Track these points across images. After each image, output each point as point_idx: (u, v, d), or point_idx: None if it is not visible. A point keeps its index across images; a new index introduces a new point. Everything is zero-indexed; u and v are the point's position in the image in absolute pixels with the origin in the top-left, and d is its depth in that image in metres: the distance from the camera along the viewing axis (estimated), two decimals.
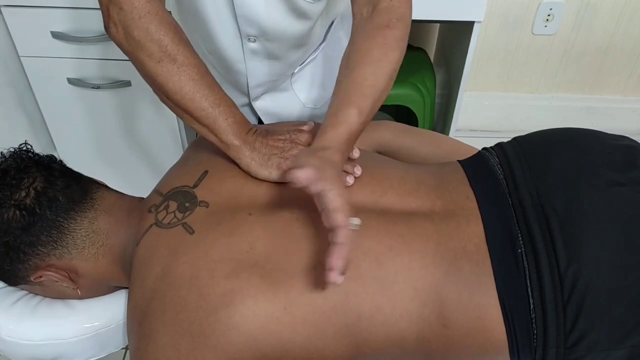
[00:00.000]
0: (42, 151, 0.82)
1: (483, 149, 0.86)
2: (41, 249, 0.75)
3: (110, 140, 1.70)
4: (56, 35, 1.43)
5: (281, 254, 0.70)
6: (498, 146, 0.84)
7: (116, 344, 0.87)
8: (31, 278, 0.78)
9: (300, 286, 0.68)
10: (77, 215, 0.77)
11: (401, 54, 0.79)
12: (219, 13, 0.88)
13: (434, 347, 0.70)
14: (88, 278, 0.80)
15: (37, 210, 0.74)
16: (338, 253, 0.61)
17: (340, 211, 0.62)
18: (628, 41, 1.94)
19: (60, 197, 0.76)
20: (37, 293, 0.84)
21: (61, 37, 1.43)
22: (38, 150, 0.82)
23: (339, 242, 0.61)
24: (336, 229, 0.61)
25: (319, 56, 1.04)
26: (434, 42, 1.99)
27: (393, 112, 1.98)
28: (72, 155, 0.89)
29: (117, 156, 1.74)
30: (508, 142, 0.84)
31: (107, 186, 0.85)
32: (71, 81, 1.54)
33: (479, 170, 0.81)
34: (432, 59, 1.92)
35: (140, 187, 0.96)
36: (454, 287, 0.69)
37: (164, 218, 0.76)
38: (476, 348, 0.70)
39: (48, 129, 1.69)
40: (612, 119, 2.11)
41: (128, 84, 1.54)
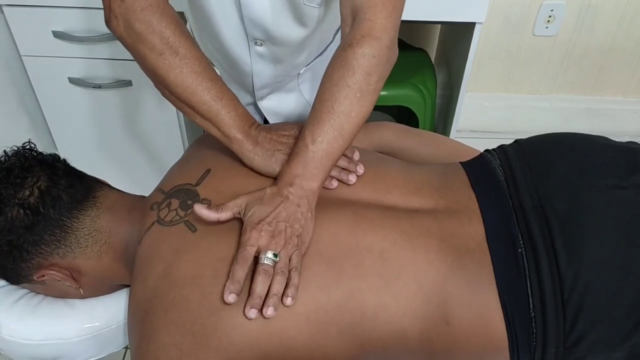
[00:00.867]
0: (44, 150, 0.82)
1: (485, 151, 0.86)
2: (44, 248, 0.75)
3: (111, 139, 1.70)
4: (57, 34, 1.43)
5: None
6: (500, 148, 0.85)
7: (117, 344, 0.87)
8: (34, 277, 0.78)
9: (302, 284, 0.68)
10: (80, 214, 0.77)
11: (364, 74, 0.73)
12: (227, 16, 0.88)
13: (437, 346, 0.71)
14: (91, 276, 0.80)
15: (41, 209, 0.74)
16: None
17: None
18: (629, 42, 1.94)
19: (63, 196, 0.76)
20: (39, 292, 0.84)
21: (62, 37, 1.43)
22: (39, 149, 0.82)
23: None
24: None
25: (326, 55, 1.04)
26: (435, 43, 1.99)
27: (394, 113, 1.98)
28: (73, 154, 0.89)
29: (118, 155, 1.74)
30: (510, 145, 0.85)
31: (109, 185, 0.85)
32: (72, 80, 1.54)
33: (481, 172, 0.81)
34: (433, 60, 1.92)
35: (141, 186, 0.96)
36: (457, 284, 0.70)
37: (166, 216, 0.76)
38: (477, 347, 0.70)
39: (49, 129, 1.69)
40: (613, 120, 2.11)
41: (129, 84, 1.54)
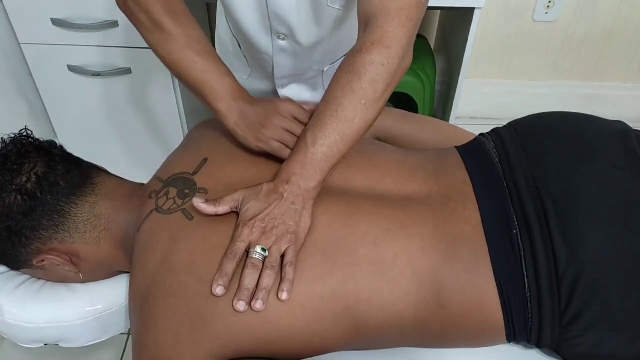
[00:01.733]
0: (43, 138, 0.83)
1: (480, 135, 0.87)
2: (43, 233, 0.76)
3: (111, 127, 1.70)
4: (56, 22, 1.43)
5: None
6: (494, 131, 0.85)
7: (118, 327, 0.88)
8: (33, 262, 0.78)
9: (298, 275, 0.68)
10: (79, 199, 0.77)
11: (371, 81, 0.72)
12: (252, 8, 0.89)
13: (432, 328, 0.71)
14: (90, 262, 0.80)
15: (39, 194, 0.75)
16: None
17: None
18: (629, 28, 1.93)
19: (61, 182, 0.76)
20: (40, 277, 0.85)
21: (61, 24, 1.43)
22: (39, 137, 0.82)
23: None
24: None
25: None
26: (435, 29, 1.98)
27: (393, 99, 1.98)
28: (73, 142, 0.89)
29: (118, 143, 1.75)
30: (504, 127, 0.85)
31: (107, 171, 0.86)
32: (72, 68, 1.54)
33: (475, 155, 0.82)
34: (433, 46, 1.92)
35: (141, 173, 0.96)
36: (452, 269, 0.70)
37: (164, 204, 0.77)
38: (473, 328, 0.71)
39: (49, 117, 1.69)
40: (613, 106, 2.11)
41: (129, 71, 1.54)
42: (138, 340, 0.70)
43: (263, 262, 0.68)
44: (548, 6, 1.86)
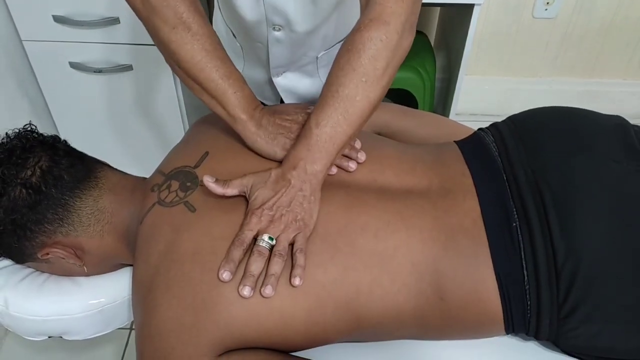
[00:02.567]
0: (45, 133, 0.83)
1: (479, 129, 0.88)
2: (47, 227, 0.77)
3: (112, 123, 1.71)
4: (58, 19, 1.44)
5: None
6: (493, 126, 0.86)
7: (121, 320, 0.89)
8: (38, 255, 0.79)
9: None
10: (82, 193, 0.78)
11: (370, 58, 0.72)
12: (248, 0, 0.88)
13: (431, 320, 0.72)
14: (94, 255, 0.81)
15: (43, 188, 0.75)
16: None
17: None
18: (628, 24, 1.93)
19: (65, 176, 0.77)
20: (44, 271, 0.86)
21: (63, 21, 1.44)
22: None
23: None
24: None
25: None
26: (434, 26, 1.98)
27: (393, 96, 1.99)
28: (75, 138, 0.90)
29: (120, 139, 1.75)
30: (503, 122, 0.86)
31: (110, 166, 0.86)
32: (73, 65, 1.54)
33: (475, 149, 0.82)
34: (433, 43, 1.92)
35: (142, 168, 0.97)
36: (451, 261, 0.71)
37: (167, 197, 0.78)
38: (472, 320, 0.72)
39: (50, 113, 1.70)
40: (613, 103, 2.11)
41: (130, 68, 1.54)
42: (142, 330, 0.70)
43: (270, 251, 0.69)
44: (548, 2, 1.86)
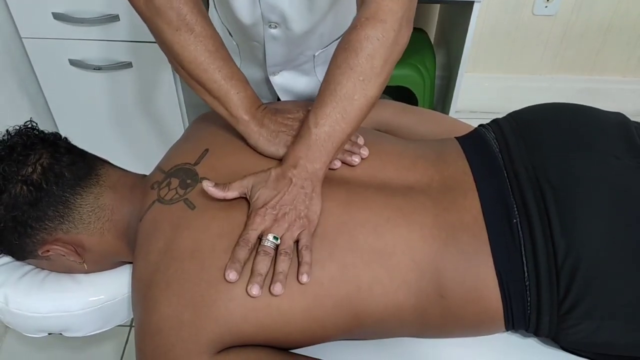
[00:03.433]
0: (45, 130, 0.83)
1: (479, 126, 0.88)
2: (48, 224, 0.77)
3: (112, 120, 1.71)
4: (57, 16, 1.43)
5: None
6: (494, 122, 0.86)
7: (121, 317, 0.89)
8: (39, 252, 0.79)
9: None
10: (83, 190, 0.78)
11: (367, 57, 0.72)
12: None
13: (432, 317, 0.72)
14: (94, 252, 0.81)
15: (44, 185, 0.75)
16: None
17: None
18: (629, 22, 1.93)
19: (66, 173, 0.77)
20: (44, 268, 0.86)
21: (62, 18, 1.44)
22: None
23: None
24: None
25: None
26: (434, 23, 1.98)
27: (393, 93, 1.98)
28: (75, 135, 0.90)
29: (119, 136, 1.75)
30: (503, 118, 0.86)
31: (111, 163, 0.86)
32: (73, 62, 1.54)
33: (476, 145, 0.82)
34: (432, 40, 1.92)
35: (142, 165, 0.97)
36: (452, 258, 0.71)
37: (166, 194, 0.78)
38: (472, 317, 0.72)
39: (50, 110, 1.70)
40: (613, 100, 2.11)
41: (129, 65, 1.54)
42: (141, 327, 0.70)
43: (276, 250, 0.69)
44: (548, 0, 1.86)
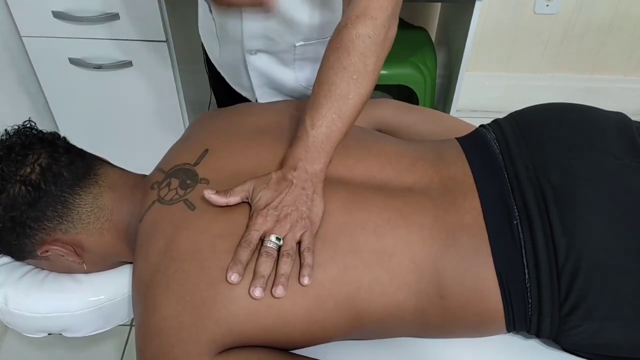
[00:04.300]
0: (44, 129, 0.83)
1: (480, 126, 0.88)
2: (47, 224, 0.77)
3: (112, 119, 1.71)
4: (57, 14, 1.44)
5: None
6: (495, 122, 0.86)
7: (121, 317, 0.89)
8: (37, 252, 0.79)
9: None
10: (82, 190, 0.78)
11: (360, 55, 0.73)
12: None
13: (432, 318, 0.72)
14: (93, 252, 0.81)
15: (43, 185, 0.75)
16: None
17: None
18: (629, 21, 1.93)
19: (64, 173, 0.77)
20: (44, 268, 0.86)
21: (62, 17, 1.44)
22: (40, 130, 0.82)
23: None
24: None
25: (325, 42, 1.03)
26: (435, 22, 1.98)
27: (394, 92, 1.98)
28: (74, 134, 0.90)
29: (119, 135, 1.75)
30: (504, 118, 0.86)
31: (110, 163, 0.86)
32: (73, 61, 1.54)
33: (476, 146, 0.82)
34: (434, 39, 1.92)
35: (142, 165, 0.97)
36: (452, 259, 0.71)
37: (166, 195, 0.77)
38: (473, 318, 0.72)
39: (50, 109, 1.70)
40: (613, 99, 2.11)
41: (129, 64, 1.54)
42: (141, 328, 0.70)
43: (278, 251, 0.69)
44: None
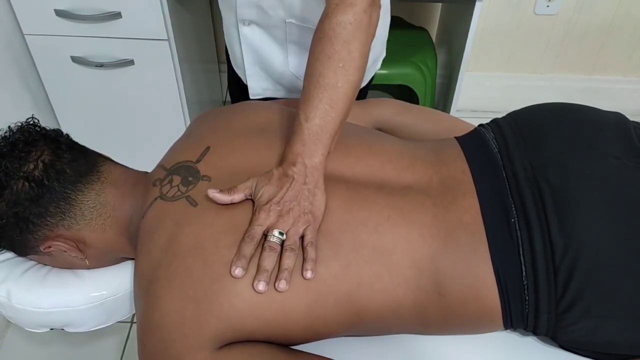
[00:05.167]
0: (47, 126, 0.84)
1: (479, 125, 0.88)
2: (50, 220, 0.77)
3: (113, 117, 1.72)
4: (60, 13, 1.44)
5: None
6: (493, 122, 0.87)
7: (123, 313, 0.89)
8: (40, 248, 0.80)
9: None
10: (85, 187, 0.79)
11: (343, 43, 0.73)
12: None
13: (430, 315, 0.73)
14: (96, 248, 0.82)
15: (46, 182, 0.76)
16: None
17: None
18: (630, 21, 1.94)
19: (67, 170, 0.78)
20: (46, 263, 0.86)
21: (65, 15, 1.44)
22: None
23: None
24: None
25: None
26: (436, 22, 1.99)
27: (394, 92, 1.99)
28: (76, 132, 0.90)
29: (121, 133, 1.76)
30: (503, 118, 0.86)
31: (112, 160, 0.87)
32: (75, 59, 1.55)
33: (475, 145, 0.83)
34: (434, 39, 1.92)
35: (144, 162, 0.98)
36: (451, 257, 0.72)
37: (168, 191, 0.78)
38: (471, 315, 0.73)
39: (52, 107, 1.71)
40: (614, 100, 2.11)
41: (131, 63, 1.55)
42: (143, 323, 0.71)
43: (281, 246, 0.70)
44: None
